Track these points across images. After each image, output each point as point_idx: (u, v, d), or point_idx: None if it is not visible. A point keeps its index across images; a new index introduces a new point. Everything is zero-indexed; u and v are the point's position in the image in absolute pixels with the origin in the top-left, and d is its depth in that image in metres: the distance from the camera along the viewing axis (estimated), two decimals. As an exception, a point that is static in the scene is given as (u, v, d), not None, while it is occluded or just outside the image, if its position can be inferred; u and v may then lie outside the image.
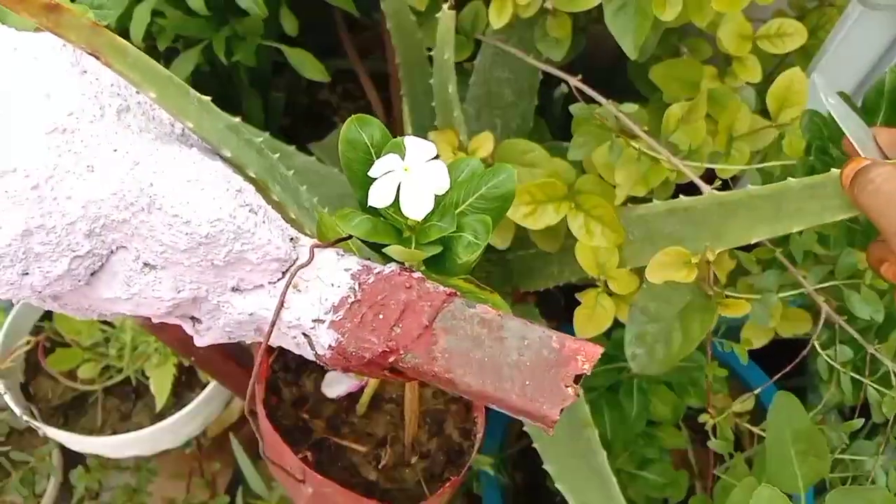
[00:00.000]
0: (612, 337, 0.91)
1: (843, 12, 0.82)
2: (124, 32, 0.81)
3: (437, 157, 0.40)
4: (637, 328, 0.73)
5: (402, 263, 0.41)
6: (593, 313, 0.77)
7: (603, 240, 0.76)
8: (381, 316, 0.39)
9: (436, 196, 0.41)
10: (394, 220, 0.41)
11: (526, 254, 0.93)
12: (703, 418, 0.75)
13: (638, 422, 0.90)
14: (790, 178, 0.58)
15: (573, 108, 0.75)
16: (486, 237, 0.41)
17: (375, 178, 0.40)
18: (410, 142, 0.40)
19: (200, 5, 0.73)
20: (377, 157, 0.42)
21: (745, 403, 0.74)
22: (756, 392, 0.75)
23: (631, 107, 0.72)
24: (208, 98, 0.45)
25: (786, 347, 0.78)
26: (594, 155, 0.78)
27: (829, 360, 0.70)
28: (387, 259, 0.42)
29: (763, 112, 0.81)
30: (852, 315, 0.69)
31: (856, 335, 0.70)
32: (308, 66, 0.84)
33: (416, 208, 0.39)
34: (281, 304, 0.40)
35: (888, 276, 0.53)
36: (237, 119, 0.49)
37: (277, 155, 0.58)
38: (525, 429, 0.80)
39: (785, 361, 0.80)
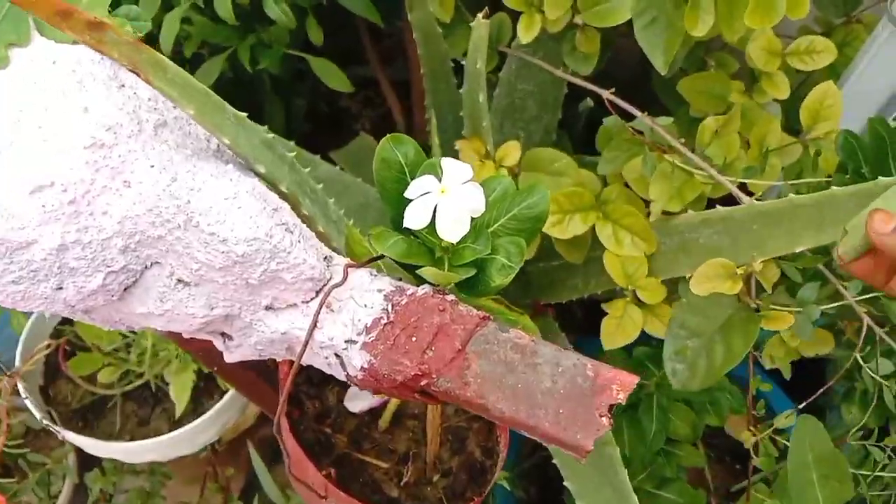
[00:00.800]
0: (633, 354, 0.90)
1: (873, 31, 0.81)
2: (151, 39, 0.82)
3: (472, 178, 0.39)
4: (677, 343, 0.72)
5: (436, 285, 0.41)
6: (621, 323, 0.76)
7: (633, 249, 0.75)
8: (413, 339, 0.39)
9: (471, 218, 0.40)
10: (428, 242, 0.41)
11: (548, 265, 0.93)
12: (744, 436, 0.75)
13: (657, 440, 0.89)
14: (834, 188, 0.57)
15: (607, 121, 0.74)
16: (520, 260, 0.41)
17: (410, 199, 0.39)
18: (448, 163, 0.40)
19: (229, 13, 0.73)
20: (411, 177, 0.42)
21: (787, 419, 0.73)
22: (791, 412, 0.74)
23: (666, 120, 0.72)
24: (244, 114, 0.45)
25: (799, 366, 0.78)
26: (625, 169, 0.77)
27: (871, 373, 0.69)
28: (419, 280, 0.41)
29: (787, 129, 0.81)
30: (893, 328, 0.69)
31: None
32: (332, 76, 0.84)
33: (452, 231, 0.38)
34: (314, 324, 0.40)
35: None
36: (271, 134, 0.49)
37: (308, 169, 0.58)
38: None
39: (799, 381, 0.79)
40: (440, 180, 0.40)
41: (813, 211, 0.58)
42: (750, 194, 0.72)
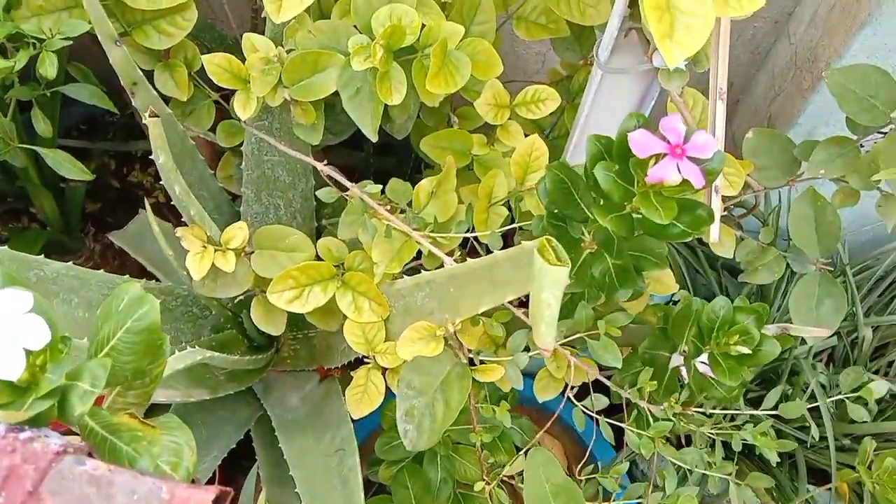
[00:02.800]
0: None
1: (589, 75, 0.85)
2: None
3: (31, 309, 0.39)
4: (405, 403, 0.73)
5: (16, 424, 0.40)
6: (365, 391, 0.77)
7: (372, 315, 0.76)
8: (-17, 485, 0.38)
9: (54, 346, 0.40)
10: (0, 378, 0.40)
11: (326, 331, 0.93)
12: (477, 486, 0.76)
13: (444, 488, 0.90)
14: (496, 252, 0.60)
15: (321, 193, 0.75)
16: (103, 382, 0.40)
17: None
18: (0, 295, 0.39)
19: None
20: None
21: (514, 465, 0.75)
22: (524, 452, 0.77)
23: (374, 188, 0.73)
24: None
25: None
26: (360, 233, 0.79)
27: (585, 410, 0.72)
28: None
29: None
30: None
31: (613, 385, 0.73)
32: (66, 167, 0.82)
33: (6, 369, 0.38)
34: None
35: None
36: None
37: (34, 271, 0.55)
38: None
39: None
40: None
41: (485, 273, 0.61)
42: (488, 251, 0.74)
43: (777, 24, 1.14)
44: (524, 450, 0.76)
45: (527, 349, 0.69)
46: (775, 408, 0.74)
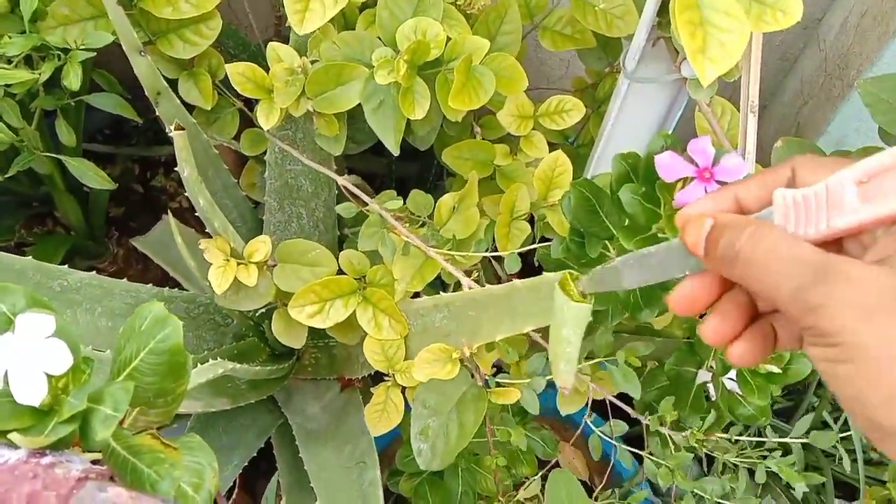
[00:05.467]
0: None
1: (616, 85, 0.84)
2: None
3: (53, 332, 0.39)
4: (420, 423, 0.73)
5: (38, 448, 0.39)
6: (385, 409, 0.76)
7: (391, 332, 0.76)
8: (5, 510, 0.38)
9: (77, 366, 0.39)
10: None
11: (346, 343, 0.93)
12: None
13: (465, 501, 0.89)
14: (516, 280, 0.59)
15: (340, 209, 0.75)
16: (125, 406, 0.40)
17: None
18: (24, 319, 0.39)
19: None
20: (23, 330, 0.41)
21: (528, 489, 0.74)
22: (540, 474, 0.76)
23: (395, 203, 0.73)
24: None
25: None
26: (379, 247, 0.78)
27: (600, 435, 0.71)
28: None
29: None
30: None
31: (627, 409, 0.72)
32: (90, 176, 0.83)
33: (27, 394, 0.37)
34: None
35: (744, 357, 0.39)
36: None
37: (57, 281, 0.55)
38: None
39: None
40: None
41: (504, 300, 0.60)
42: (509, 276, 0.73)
43: (806, 29, 1.12)
44: (542, 472, 0.75)
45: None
46: (806, 435, 0.73)
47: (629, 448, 0.72)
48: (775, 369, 0.70)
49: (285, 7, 0.62)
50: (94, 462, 0.40)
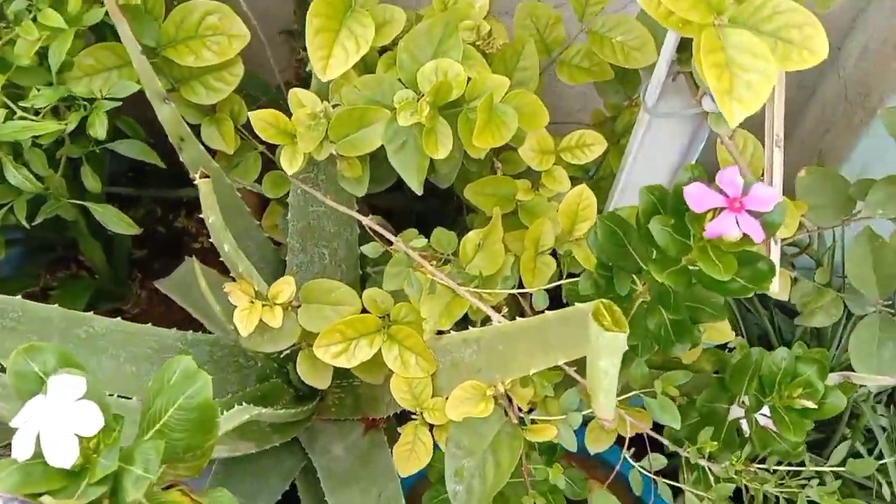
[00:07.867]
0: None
1: (635, 119, 0.84)
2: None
3: (84, 394, 0.38)
4: (455, 463, 0.72)
5: (70, 507, 0.39)
6: (413, 449, 0.75)
7: (418, 370, 0.75)
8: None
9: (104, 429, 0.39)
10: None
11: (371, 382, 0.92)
12: None
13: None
14: (547, 312, 0.58)
15: (366, 249, 0.75)
16: (157, 466, 0.39)
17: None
18: (56, 381, 0.39)
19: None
20: (55, 388, 0.41)
21: None
22: None
23: (420, 241, 0.73)
24: None
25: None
26: (405, 286, 0.78)
27: (642, 470, 0.70)
28: (60, 501, 0.40)
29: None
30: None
31: (665, 442, 0.71)
32: (115, 222, 0.83)
33: (59, 457, 0.37)
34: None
35: None
36: None
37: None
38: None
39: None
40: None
41: (536, 332, 0.59)
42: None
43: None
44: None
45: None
46: (842, 464, 0.71)
47: (668, 482, 0.70)
48: (811, 404, 0.68)
49: (309, 54, 0.62)
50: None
